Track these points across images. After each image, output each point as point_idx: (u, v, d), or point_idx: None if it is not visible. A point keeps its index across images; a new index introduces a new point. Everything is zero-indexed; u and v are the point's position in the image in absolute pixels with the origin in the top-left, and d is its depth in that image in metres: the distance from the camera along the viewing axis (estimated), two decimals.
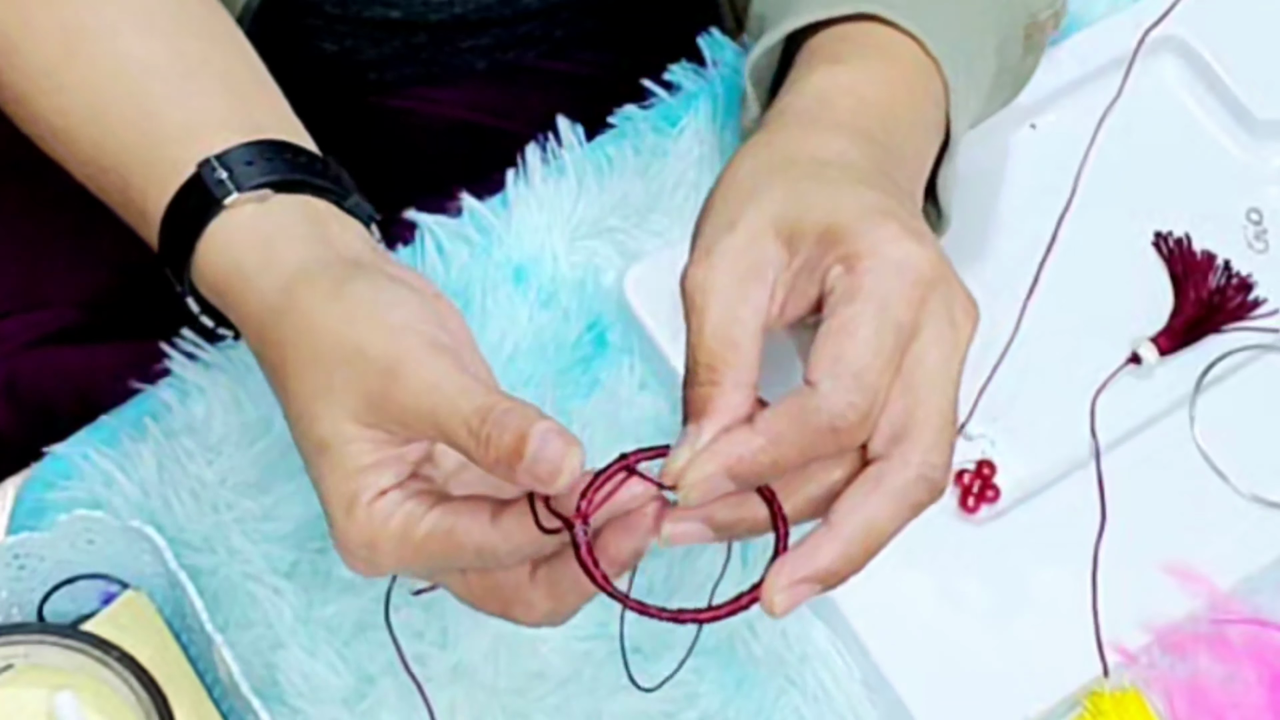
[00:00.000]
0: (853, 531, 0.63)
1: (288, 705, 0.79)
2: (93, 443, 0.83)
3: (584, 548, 0.63)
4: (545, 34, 1.07)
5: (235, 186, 0.71)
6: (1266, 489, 0.86)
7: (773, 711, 0.81)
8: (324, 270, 0.69)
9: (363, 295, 0.68)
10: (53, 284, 0.98)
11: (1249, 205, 0.94)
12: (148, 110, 0.75)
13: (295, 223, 0.72)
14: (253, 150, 0.73)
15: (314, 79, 1.05)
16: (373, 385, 0.65)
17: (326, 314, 0.67)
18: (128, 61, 0.76)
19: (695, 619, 0.64)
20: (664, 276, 0.87)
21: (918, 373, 0.63)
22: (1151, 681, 0.82)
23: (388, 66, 1.05)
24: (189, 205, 0.72)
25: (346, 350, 0.66)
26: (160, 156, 0.74)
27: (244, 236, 0.71)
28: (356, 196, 0.75)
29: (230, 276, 0.71)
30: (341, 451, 0.66)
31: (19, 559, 0.76)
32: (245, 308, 0.71)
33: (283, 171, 0.73)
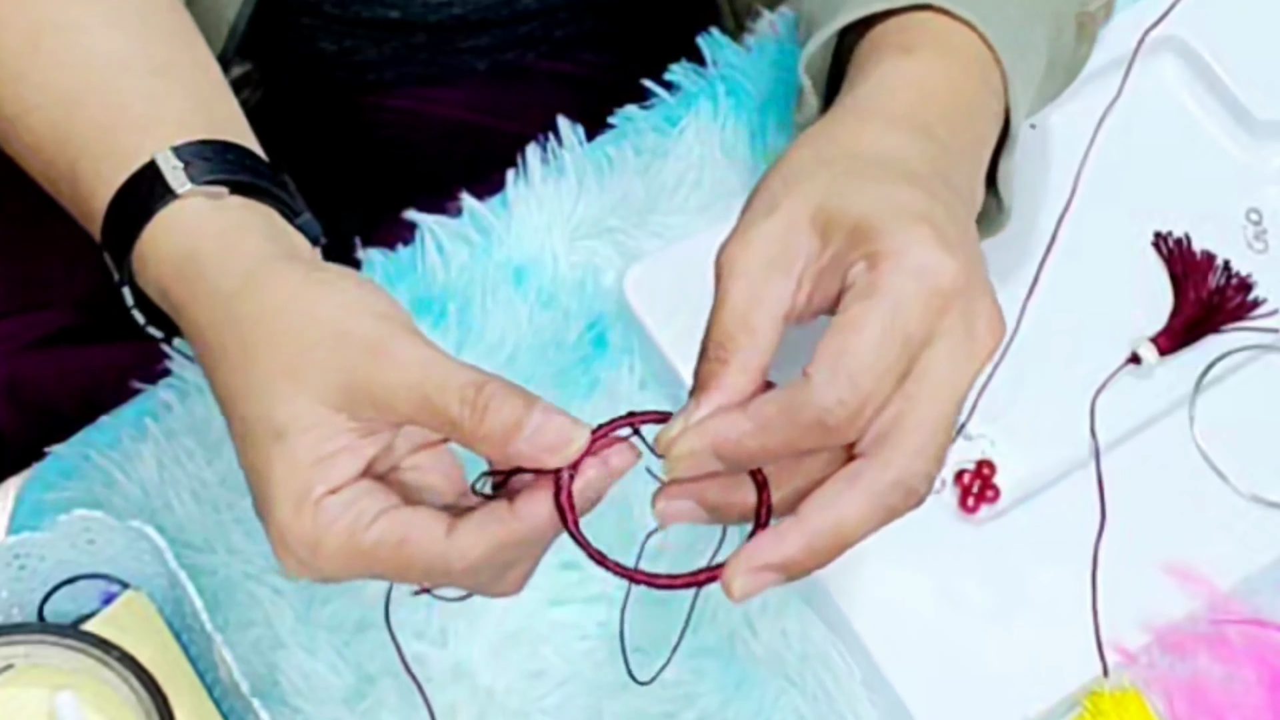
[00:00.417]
0: (820, 526, 0.63)
1: (288, 705, 0.79)
2: (93, 443, 0.83)
3: (565, 492, 0.63)
4: (544, 34, 1.07)
5: (190, 179, 0.70)
6: (1266, 489, 0.86)
7: (773, 711, 0.81)
8: (291, 261, 0.68)
9: (348, 286, 0.67)
10: (53, 285, 0.98)
11: (1248, 205, 0.94)
12: (109, 103, 0.74)
13: (252, 220, 0.71)
14: (211, 148, 0.72)
15: (313, 79, 1.05)
16: (354, 364, 0.63)
17: (303, 297, 0.66)
18: (92, 56, 0.75)
19: (650, 582, 0.65)
20: (664, 276, 0.88)
21: (923, 381, 0.63)
22: (1151, 681, 0.82)
23: (387, 66, 1.06)
24: (139, 192, 0.71)
25: (327, 331, 0.64)
26: (116, 145, 0.72)
27: (198, 225, 0.70)
28: (308, 215, 0.74)
29: (181, 262, 0.69)
30: (298, 440, 0.63)
31: (19, 559, 0.76)
32: (196, 289, 0.68)
33: (240, 173, 0.72)
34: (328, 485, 0.63)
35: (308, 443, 0.63)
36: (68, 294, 0.98)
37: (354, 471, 0.64)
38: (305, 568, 0.64)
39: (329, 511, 0.63)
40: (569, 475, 0.63)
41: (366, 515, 0.63)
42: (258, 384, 0.65)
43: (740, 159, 0.92)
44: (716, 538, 0.84)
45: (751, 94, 0.93)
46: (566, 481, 0.63)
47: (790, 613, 0.83)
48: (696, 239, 0.89)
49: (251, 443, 0.65)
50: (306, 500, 0.63)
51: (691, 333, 0.86)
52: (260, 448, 0.64)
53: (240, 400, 0.65)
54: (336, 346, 0.64)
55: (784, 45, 0.95)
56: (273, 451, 0.64)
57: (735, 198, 0.91)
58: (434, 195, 0.91)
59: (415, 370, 0.63)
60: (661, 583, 0.65)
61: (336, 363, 0.64)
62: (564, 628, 0.81)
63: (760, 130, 0.93)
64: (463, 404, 0.62)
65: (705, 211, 0.91)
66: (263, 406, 0.64)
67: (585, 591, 0.82)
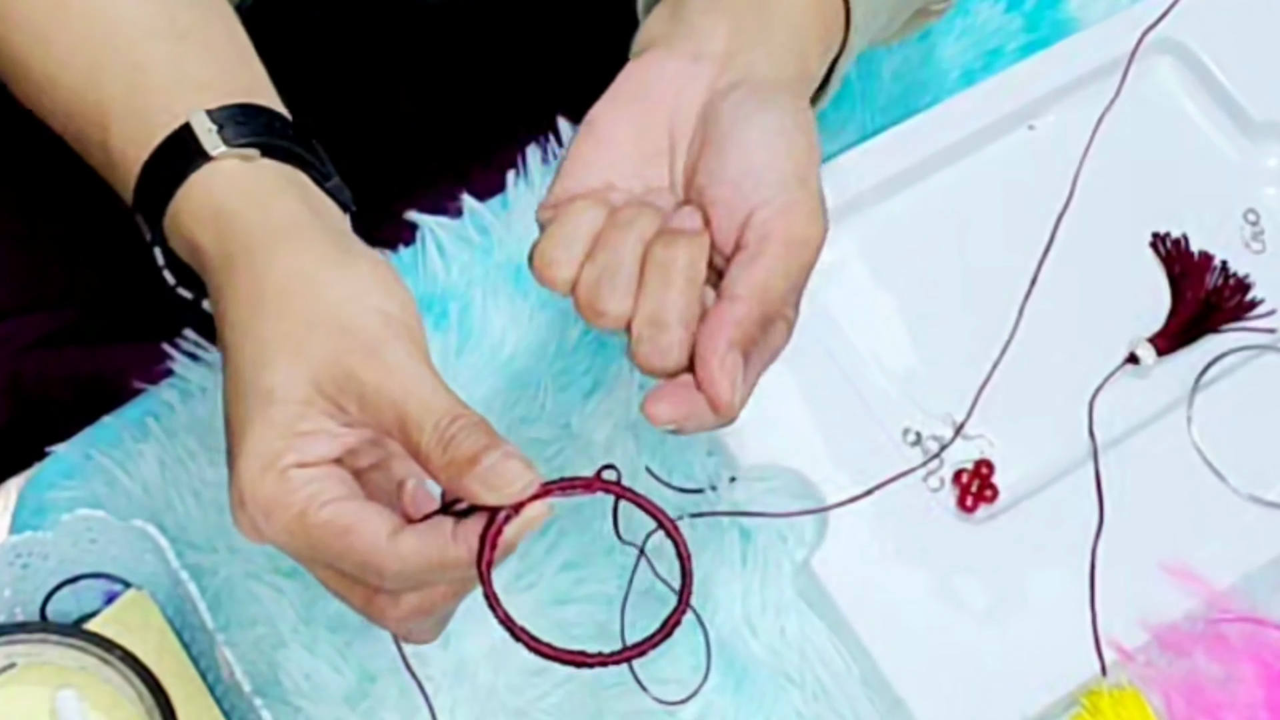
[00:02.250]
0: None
1: (289, 704, 0.79)
2: (95, 442, 0.84)
3: (496, 528, 0.63)
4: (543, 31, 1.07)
5: (224, 141, 0.71)
6: (1264, 488, 0.86)
7: (772, 711, 0.81)
8: (321, 229, 0.69)
9: (363, 272, 0.68)
10: (55, 284, 0.98)
11: (1246, 206, 0.94)
12: (138, 66, 0.74)
13: (284, 183, 0.72)
14: (244, 112, 0.73)
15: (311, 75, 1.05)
16: (349, 358, 0.65)
17: (322, 275, 0.67)
18: (119, 22, 0.76)
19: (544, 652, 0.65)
20: None
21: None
22: (1149, 680, 0.82)
23: (384, 57, 1.05)
24: (173, 154, 0.72)
25: (333, 320, 0.66)
26: (147, 107, 0.73)
27: (232, 184, 0.71)
28: (338, 180, 0.75)
29: (214, 220, 0.70)
30: (285, 408, 0.64)
31: (22, 558, 0.76)
32: (227, 245, 0.69)
33: (272, 136, 0.73)
34: (299, 458, 0.64)
35: (291, 413, 0.65)
36: (70, 294, 0.98)
37: (327, 454, 0.65)
38: (255, 531, 0.65)
39: (290, 482, 0.64)
40: (505, 516, 0.63)
41: (322, 496, 0.64)
42: (259, 346, 0.66)
43: None
44: (714, 540, 0.84)
45: None
46: (500, 520, 0.63)
47: (790, 613, 0.83)
48: None
49: (239, 397, 0.66)
50: (274, 466, 0.64)
51: None
52: (246, 404, 0.65)
53: (239, 355, 0.66)
54: (340, 337, 0.65)
55: None
56: (257, 411, 0.65)
57: None
58: (434, 195, 0.91)
59: (404, 387, 0.64)
60: (544, 651, 0.65)
61: (336, 350, 0.65)
62: (564, 627, 0.81)
63: None
64: (434, 430, 0.63)
65: None
66: (258, 367, 0.65)
67: (585, 591, 0.83)
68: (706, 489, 0.84)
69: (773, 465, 0.85)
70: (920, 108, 0.94)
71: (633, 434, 0.86)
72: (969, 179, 0.94)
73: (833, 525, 0.83)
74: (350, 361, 0.65)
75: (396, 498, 0.68)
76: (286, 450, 0.64)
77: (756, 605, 0.83)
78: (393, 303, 0.67)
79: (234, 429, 0.66)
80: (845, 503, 0.83)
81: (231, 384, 0.67)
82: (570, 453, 0.85)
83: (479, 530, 0.63)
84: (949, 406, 0.88)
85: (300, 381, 0.65)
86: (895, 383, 0.88)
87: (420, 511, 0.67)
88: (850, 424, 0.85)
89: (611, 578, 0.83)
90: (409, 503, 0.68)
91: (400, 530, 0.64)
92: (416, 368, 0.65)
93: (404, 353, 0.65)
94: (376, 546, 0.63)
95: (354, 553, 0.64)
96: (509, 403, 0.85)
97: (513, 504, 0.63)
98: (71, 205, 0.98)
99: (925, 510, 0.84)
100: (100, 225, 0.98)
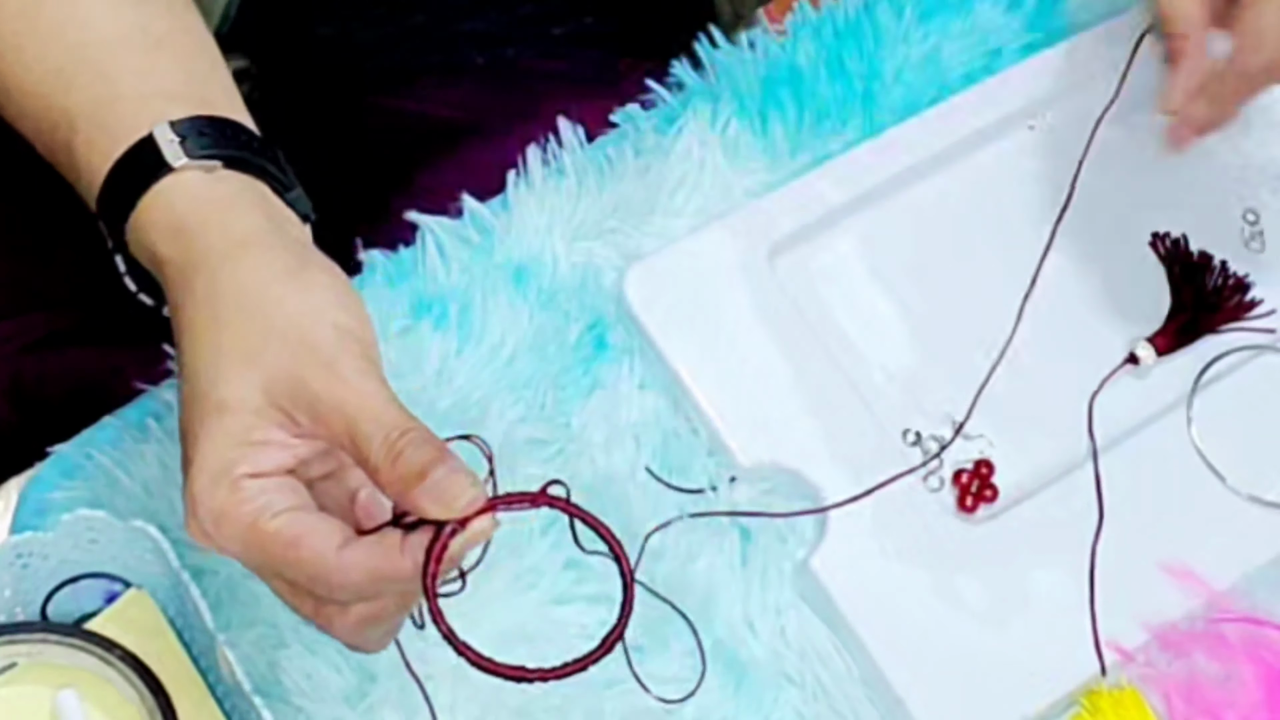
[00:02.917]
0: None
1: (290, 704, 0.79)
2: (96, 443, 0.84)
3: (440, 542, 0.63)
4: (543, 30, 1.07)
5: (185, 153, 0.72)
6: (1263, 488, 0.86)
7: (772, 711, 0.81)
8: (278, 240, 0.70)
9: (320, 285, 0.69)
10: (56, 285, 0.98)
11: (1245, 206, 0.95)
12: (106, 76, 0.75)
13: (244, 195, 0.72)
14: (206, 124, 0.73)
15: (310, 70, 1.05)
16: (305, 371, 0.66)
17: (277, 286, 0.68)
18: (89, 30, 0.76)
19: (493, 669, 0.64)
20: (663, 277, 0.88)
21: None
22: (1149, 680, 0.82)
23: (385, 52, 1.05)
24: (136, 165, 0.72)
25: (289, 329, 0.66)
26: (112, 118, 0.74)
27: (193, 194, 0.71)
28: (299, 191, 0.75)
29: (174, 230, 0.71)
30: (238, 418, 0.65)
31: (22, 558, 0.76)
32: (187, 255, 0.70)
33: (234, 149, 0.73)
34: (251, 468, 0.65)
35: (244, 424, 0.65)
36: (71, 295, 0.98)
37: (279, 464, 0.66)
38: (206, 537, 0.66)
39: (242, 492, 0.65)
40: (450, 530, 0.64)
41: (274, 507, 0.65)
42: (215, 355, 0.67)
43: (740, 160, 0.92)
44: (714, 540, 0.84)
45: (752, 94, 0.93)
46: (446, 534, 0.64)
47: (790, 613, 0.83)
48: (696, 240, 0.89)
49: (194, 407, 0.67)
50: (226, 476, 0.65)
51: (691, 333, 0.87)
52: (200, 414, 0.66)
53: (195, 364, 0.67)
54: (294, 349, 0.66)
55: (784, 44, 0.95)
56: (210, 421, 0.66)
57: (735, 199, 0.92)
58: (435, 195, 0.91)
59: (355, 400, 0.65)
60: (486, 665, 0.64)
61: (291, 362, 0.66)
62: (565, 627, 0.81)
63: (760, 131, 0.93)
64: (383, 444, 0.64)
65: (705, 213, 0.91)
66: (213, 377, 0.66)
67: (586, 591, 0.83)
68: (706, 489, 0.85)
69: (773, 465, 0.85)
70: (920, 108, 0.94)
71: (633, 434, 0.86)
72: (969, 179, 0.94)
73: (832, 525, 0.83)
74: (304, 373, 0.66)
75: (349, 508, 0.69)
76: (239, 460, 0.65)
77: (756, 605, 0.83)
78: (348, 316, 0.68)
79: (188, 437, 0.67)
80: (845, 503, 0.83)
81: (187, 393, 0.67)
82: (570, 453, 0.85)
83: (425, 544, 0.64)
84: (949, 406, 0.88)
85: (253, 392, 0.66)
86: (895, 383, 0.88)
87: (373, 522, 0.68)
88: (850, 424, 0.86)
89: (612, 577, 0.82)
90: (361, 513, 0.69)
91: (349, 542, 0.65)
92: (368, 381, 0.66)
93: (357, 366, 0.66)
94: (325, 558, 0.64)
95: (303, 563, 0.65)
96: (509, 403, 0.85)
97: (459, 518, 0.63)
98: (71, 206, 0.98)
99: (925, 510, 0.85)
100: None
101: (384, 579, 0.65)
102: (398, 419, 0.65)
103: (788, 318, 0.88)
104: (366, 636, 0.68)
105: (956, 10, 0.96)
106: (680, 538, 0.83)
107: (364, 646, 0.69)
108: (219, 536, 0.65)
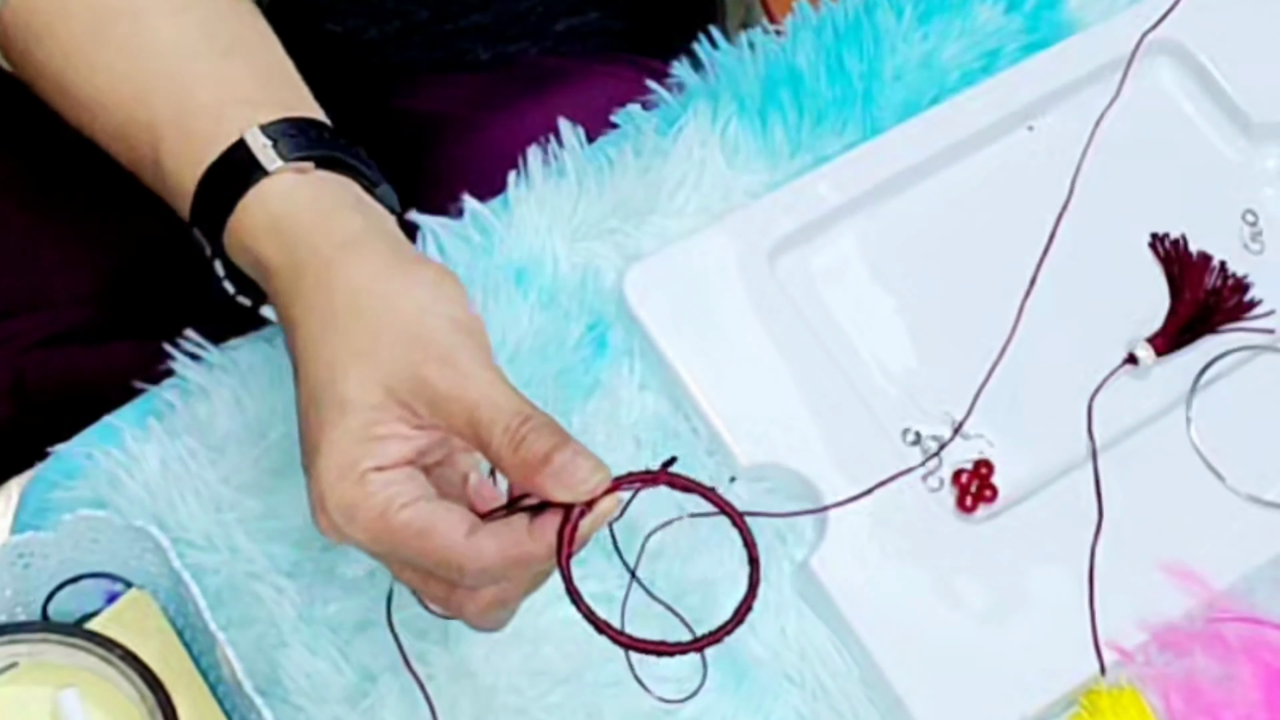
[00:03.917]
0: None
1: (290, 703, 0.79)
2: (97, 443, 0.84)
3: (571, 524, 0.65)
4: (545, 26, 1.07)
5: (280, 156, 0.73)
6: (1262, 488, 0.86)
7: (772, 711, 0.81)
8: (381, 238, 0.72)
9: (428, 280, 0.71)
10: (57, 284, 0.99)
11: (1245, 207, 0.95)
12: (184, 86, 0.77)
13: (340, 194, 0.74)
14: (294, 125, 0.75)
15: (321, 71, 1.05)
16: (424, 365, 0.67)
17: (389, 285, 0.70)
18: (157, 42, 0.78)
19: (631, 644, 0.67)
20: (663, 277, 0.88)
21: None
22: (1148, 680, 0.82)
23: (391, 48, 1.05)
24: (230, 171, 0.74)
25: (405, 324, 0.68)
26: (197, 126, 0.75)
27: (290, 197, 0.73)
28: (386, 186, 0.78)
29: (276, 232, 0.73)
30: (361, 414, 0.67)
31: (24, 558, 0.76)
32: (293, 255, 0.72)
33: (323, 149, 0.75)
34: (376, 462, 0.67)
35: (367, 420, 0.67)
36: (72, 294, 0.98)
37: (402, 456, 0.68)
38: (336, 531, 0.68)
39: (369, 485, 0.67)
40: (579, 511, 0.66)
41: (401, 498, 0.67)
42: (333, 354, 0.69)
43: (740, 160, 0.93)
44: (714, 540, 0.84)
45: (752, 95, 0.93)
46: (575, 516, 0.66)
47: (790, 612, 0.83)
48: (696, 240, 0.89)
49: (315, 406, 0.68)
50: (353, 470, 0.67)
51: (691, 333, 0.87)
52: (322, 412, 0.68)
53: (313, 364, 0.69)
54: (411, 343, 0.68)
55: (785, 45, 0.95)
56: (334, 419, 0.68)
57: (735, 199, 0.92)
58: (435, 196, 0.91)
59: (475, 390, 0.67)
60: (624, 641, 0.67)
61: (409, 357, 0.68)
62: (565, 627, 0.81)
63: (760, 131, 0.93)
64: (504, 431, 0.66)
65: (705, 213, 0.91)
66: (332, 376, 0.68)
67: (586, 590, 0.82)
68: None
69: (773, 465, 0.85)
70: (920, 108, 0.94)
71: (633, 434, 0.86)
72: (969, 179, 0.94)
73: (832, 525, 0.83)
74: (422, 368, 0.67)
75: (462, 491, 0.71)
76: (364, 455, 0.67)
77: (756, 605, 0.82)
78: (457, 308, 0.70)
79: (310, 435, 0.68)
80: (845, 502, 0.83)
81: (305, 395, 0.69)
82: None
83: (554, 526, 0.66)
84: (948, 406, 0.88)
85: (374, 388, 0.67)
86: (895, 383, 0.89)
87: (485, 502, 0.70)
88: (850, 424, 0.86)
89: (612, 577, 0.83)
90: (474, 495, 0.71)
91: (477, 529, 0.67)
92: (485, 371, 0.68)
93: (473, 357, 0.68)
94: (456, 545, 0.66)
95: (434, 551, 0.66)
96: None
97: (585, 500, 0.65)
98: (73, 206, 0.99)
99: (924, 510, 0.85)
100: (102, 226, 0.99)
101: (516, 562, 0.67)
102: (518, 406, 0.67)
103: (788, 318, 0.88)
104: (495, 618, 0.70)
105: (956, 11, 0.96)
106: (680, 538, 0.83)
107: (492, 627, 0.71)
108: (350, 530, 0.67)
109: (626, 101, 0.94)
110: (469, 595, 0.69)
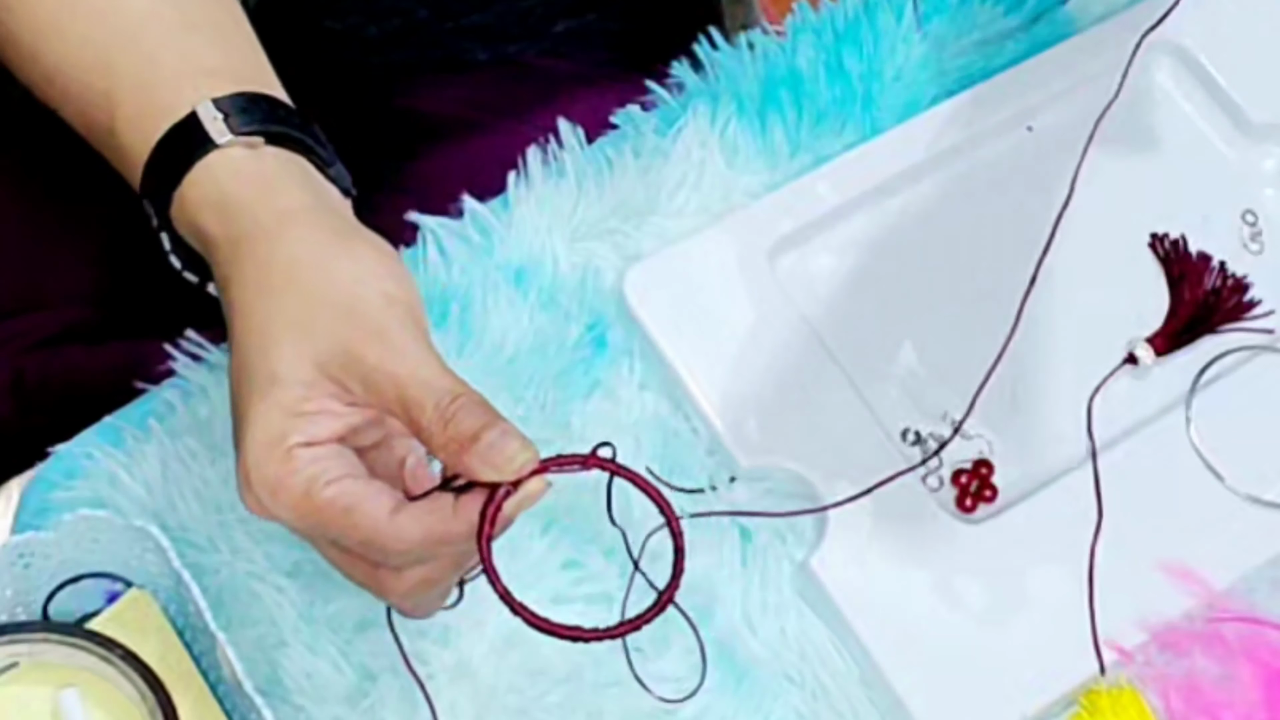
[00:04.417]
0: None
1: (290, 703, 0.79)
2: (97, 442, 0.84)
3: (495, 504, 0.65)
4: (545, 27, 1.07)
5: (229, 129, 0.73)
6: (1262, 489, 0.86)
7: (772, 711, 0.81)
8: (325, 214, 0.71)
9: (366, 255, 0.70)
10: (57, 284, 0.99)
11: (1244, 207, 0.95)
12: (146, 56, 0.76)
13: (288, 170, 0.73)
14: (247, 100, 0.74)
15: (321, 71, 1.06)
16: (356, 340, 0.67)
17: (326, 258, 0.69)
18: (127, 12, 0.77)
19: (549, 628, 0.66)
20: (663, 277, 0.88)
21: None
22: (1148, 680, 0.82)
23: (390, 47, 1.06)
24: (180, 142, 0.73)
25: (339, 299, 0.68)
26: (154, 97, 0.75)
27: (238, 170, 0.72)
28: (339, 166, 0.77)
29: (220, 205, 0.72)
30: (289, 389, 0.66)
31: (24, 558, 0.76)
32: (232, 229, 0.71)
33: (276, 124, 0.74)
34: (304, 438, 0.66)
35: (296, 395, 0.67)
36: (72, 294, 0.98)
37: (331, 433, 0.67)
38: (261, 508, 0.67)
39: (295, 461, 0.66)
40: (504, 491, 0.65)
41: (327, 475, 0.66)
42: (265, 327, 0.68)
43: (740, 161, 0.93)
44: (714, 540, 0.84)
45: (751, 95, 0.93)
46: (500, 495, 0.65)
47: (790, 612, 0.83)
48: (696, 240, 0.89)
49: (245, 380, 0.68)
50: (279, 445, 0.66)
51: (691, 333, 0.87)
52: (251, 386, 0.67)
53: (246, 334, 0.68)
54: (345, 317, 0.67)
55: (784, 45, 0.95)
56: (262, 392, 0.67)
57: (735, 200, 0.92)
58: (435, 196, 0.91)
59: (406, 367, 0.66)
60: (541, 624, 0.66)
61: (341, 332, 0.67)
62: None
63: (760, 132, 0.93)
64: (435, 409, 0.65)
65: (704, 213, 0.91)
66: (264, 349, 0.67)
67: (586, 591, 0.83)
68: (706, 489, 0.85)
69: (773, 465, 0.85)
70: (920, 108, 0.94)
71: (633, 434, 0.86)
72: (969, 179, 0.94)
73: (832, 525, 0.83)
74: (354, 343, 0.67)
75: (398, 475, 0.70)
76: (291, 430, 0.66)
77: (756, 605, 0.83)
78: (396, 285, 0.69)
79: (240, 409, 0.68)
80: (844, 502, 0.83)
81: (237, 366, 0.69)
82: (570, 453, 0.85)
83: (478, 505, 0.65)
84: (948, 406, 0.88)
85: (304, 363, 0.67)
86: (894, 383, 0.89)
87: (421, 488, 0.69)
88: (849, 424, 0.86)
89: (612, 577, 0.83)
90: (410, 479, 0.70)
91: (402, 507, 0.66)
92: (419, 349, 0.67)
93: (407, 334, 0.67)
94: (379, 524, 0.65)
95: (357, 530, 0.66)
96: (509, 403, 0.86)
97: (511, 480, 0.64)
98: (73, 205, 0.99)
99: (924, 510, 0.85)
100: (102, 225, 0.99)
101: (438, 541, 0.66)
102: (449, 384, 0.66)
103: (787, 318, 0.88)
104: (420, 600, 0.70)
105: (956, 11, 0.96)
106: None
107: (417, 611, 0.71)
108: (274, 506, 0.67)
109: (626, 102, 0.94)
110: (394, 575, 0.68)
